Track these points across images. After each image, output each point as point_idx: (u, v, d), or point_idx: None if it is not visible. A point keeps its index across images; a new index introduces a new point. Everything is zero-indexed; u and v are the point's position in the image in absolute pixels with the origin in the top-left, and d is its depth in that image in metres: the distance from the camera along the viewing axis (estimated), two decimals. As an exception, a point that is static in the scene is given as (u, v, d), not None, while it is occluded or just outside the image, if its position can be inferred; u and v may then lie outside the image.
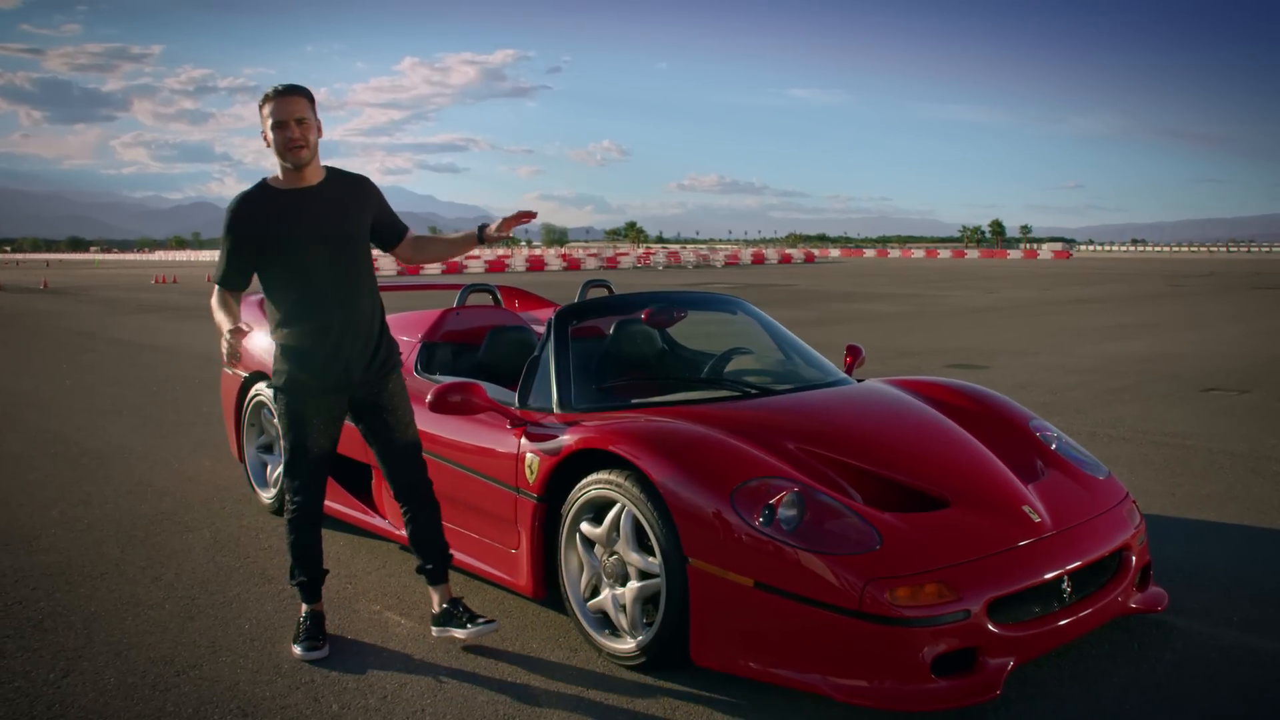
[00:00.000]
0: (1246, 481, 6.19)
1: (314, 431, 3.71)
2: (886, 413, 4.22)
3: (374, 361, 3.74)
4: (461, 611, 3.83)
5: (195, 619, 4.09)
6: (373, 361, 3.73)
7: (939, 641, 3.07)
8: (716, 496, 3.31)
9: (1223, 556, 4.75)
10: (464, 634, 3.78)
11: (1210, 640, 3.79)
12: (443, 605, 3.88)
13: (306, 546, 3.82)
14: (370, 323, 3.73)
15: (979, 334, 16.16)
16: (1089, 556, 3.53)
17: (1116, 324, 17.79)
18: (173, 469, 6.75)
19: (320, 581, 3.88)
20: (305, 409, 3.68)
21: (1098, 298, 26.34)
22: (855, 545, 3.19)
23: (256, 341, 5.87)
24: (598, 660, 3.68)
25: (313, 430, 3.70)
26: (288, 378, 3.67)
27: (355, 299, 3.68)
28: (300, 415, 3.69)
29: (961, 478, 3.69)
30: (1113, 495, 3.94)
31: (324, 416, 3.72)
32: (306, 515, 3.78)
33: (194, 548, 5.04)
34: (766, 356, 4.87)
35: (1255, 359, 12.44)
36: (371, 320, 3.74)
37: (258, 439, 5.87)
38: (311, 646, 3.72)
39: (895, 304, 24.27)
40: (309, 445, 3.71)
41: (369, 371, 3.72)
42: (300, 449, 3.71)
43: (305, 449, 3.71)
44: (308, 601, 3.86)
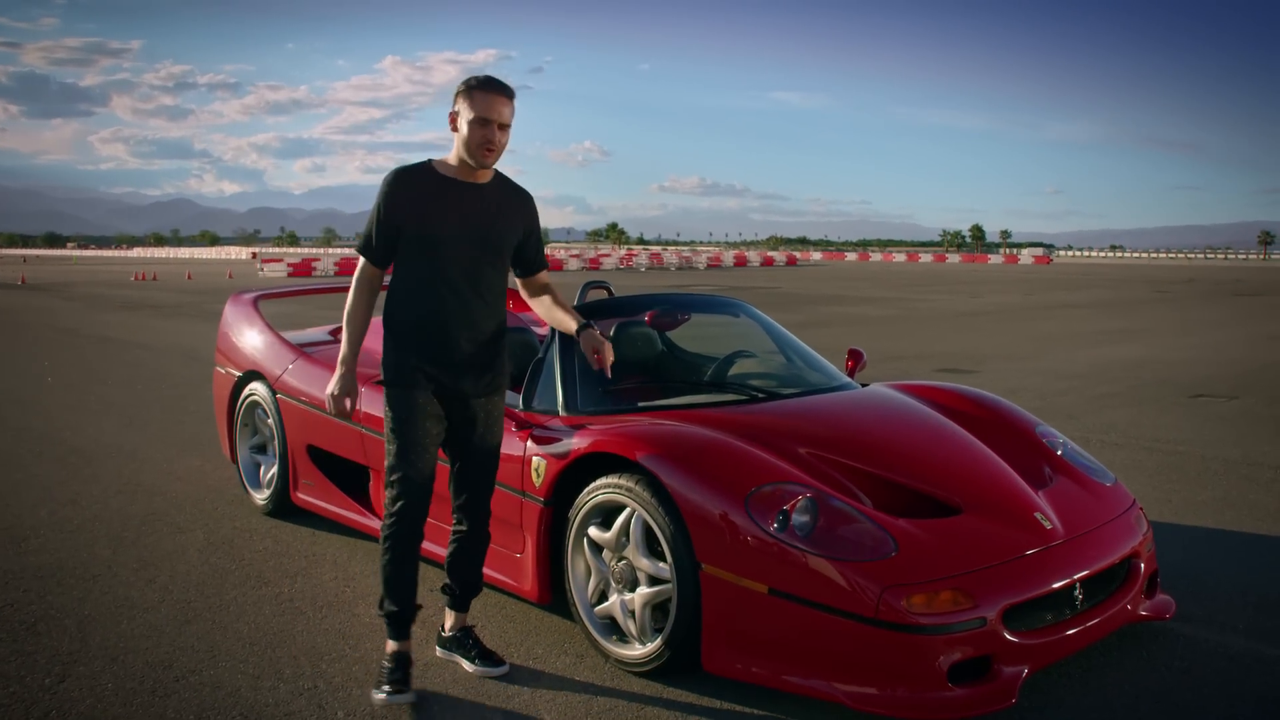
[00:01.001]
0: (1241, 488, 6.20)
1: (423, 431, 3.37)
2: (896, 418, 4.19)
3: (484, 376, 3.47)
4: (472, 644, 3.62)
5: (192, 623, 4.02)
6: (483, 375, 3.46)
7: (955, 649, 3.04)
8: (731, 502, 3.28)
9: (1223, 564, 4.75)
10: (470, 668, 3.58)
11: (1218, 648, 3.78)
12: (454, 631, 3.68)
13: (402, 569, 3.40)
14: (491, 336, 3.48)
15: (966, 338, 16.20)
16: (1100, 564, 3.52)
17: (1103, 329, 17.87)
18: (162, 468, 6.67)
19: (413, 617, 3.46)
20: (416, 404, 3.36)
21: (1082, 303, 26.48)
22: (871, 552, 3.16)
23: (249, 340, 5.81)
24: (605, 667, 3.63)
25: (422, 429, 3.37)
26: (399, 368, 3.38)
27: (483, 308, 3.43)
28: (410, 411, 3.35)
29: (973, 484, 3.66)
30: (1121, 502, 3.93)
31: (430, 420, 3.40)
32: (408, 531, 3.37)
33: (187, 549, 4.96)
34: (770, 360, 4.84)
35: (1243, 365, 12.51)
36: (493, 334, 3.49)
37: (250, 439, 5.79)
38: (397, 691, 3.32)
39: (881, 307, 24.33)
40: (417, 445, 3.36)
41: (478, 384, 3.45)
42: (407, 449, 3.35)
43: (413, 448, 3.35)
44: (395, 638, 3.43)
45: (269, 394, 5.46)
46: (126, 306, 23.95)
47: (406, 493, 3.35)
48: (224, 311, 6.22)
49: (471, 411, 3.48)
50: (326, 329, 6.22)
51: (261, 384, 5.56)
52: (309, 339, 5.85)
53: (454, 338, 3.38)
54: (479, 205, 3.40)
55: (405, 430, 3.35)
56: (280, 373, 5.41)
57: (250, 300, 6.10)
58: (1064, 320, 20.26)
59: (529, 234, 3.58)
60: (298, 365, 5.34)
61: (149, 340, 15.58)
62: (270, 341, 5.66)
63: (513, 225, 3.50)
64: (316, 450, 5.20)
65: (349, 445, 4.91)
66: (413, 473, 3.35)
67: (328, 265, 48.03)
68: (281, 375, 5.39)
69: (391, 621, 3.43)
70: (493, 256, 3.44)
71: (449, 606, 3.70)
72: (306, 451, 5.23)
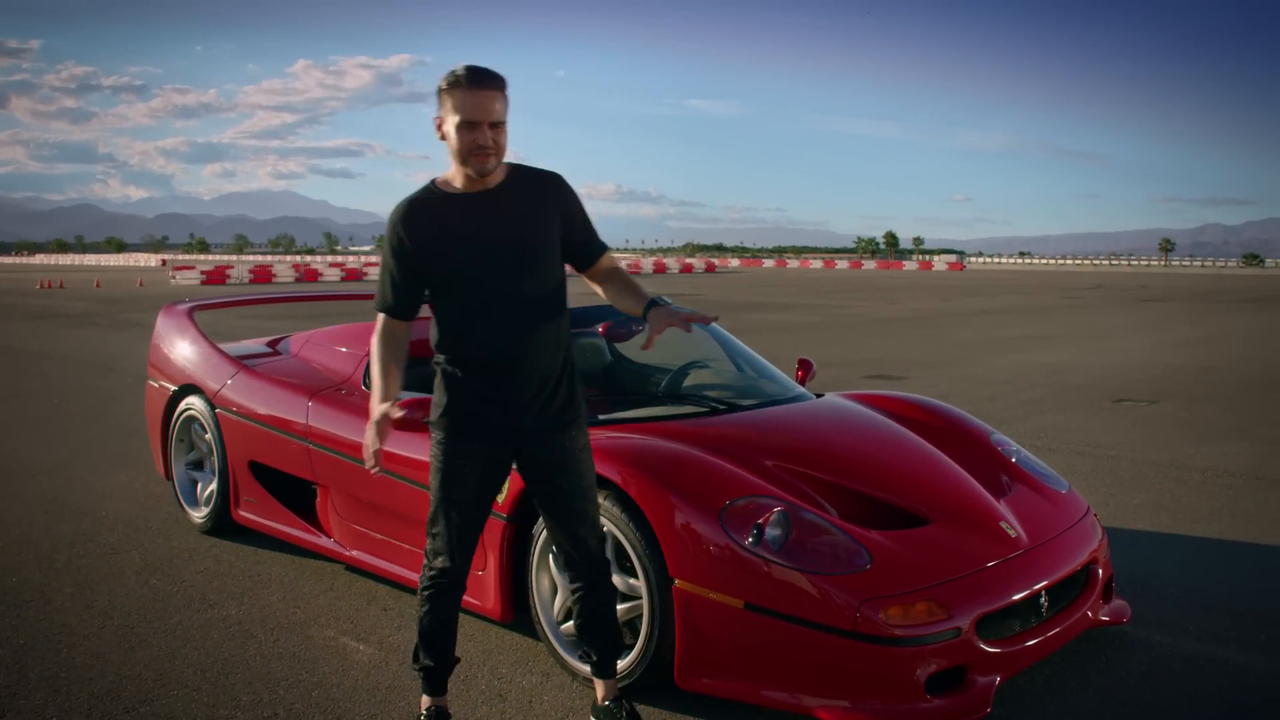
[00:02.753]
0: (1173, 491, 6.37)
1: (465, 485, 2.99)
2: (857, 429, 4.21)
3: (549, 408, 3.00)
4: (625, 715, 3.18)
5: (137, 650, 3.86)
6: (547, 407, 2.99)
7: (932, 660, 3.06)
8: (704, 516, 3.25)
9: (1166, 567, 4.86)
10: None
11: (1173, 651, 3.85)
12: (606, 701, 3.21)
13: (441, 624, 3.09)
14: (549, 359, 2.99)
15: (889, 344, 16.45)
16: (1063, 571, 3.57)
17: (1020, 335, 18.29)
18: (89, 486, 6.41)
19: (449, 670, 3.15)
20: (458, 456, 2.98)
21: (998, 309, 27.08)
22: (846, 565, 3.16)
23: (184, 352, 5.63)
24: (572, 685, 3.57)
25: (464, 483, 2.99)
26: (443, 415, 2.99)
27: (532, 327, 2.95)
28: (451, 463, 2.98)
29: (939, 494, 3.69)
30: (1077, 509, 3.99)
31: (481, 468, 3.00)
32: (449, 585, 3.07)
33: (124, 571, 4.77)
34: (724, 371, 4.83)
35: (1158, 370, 12.89)
36: (552, 356, 3.00)
37: (187, 455, 5.60)
38: None
39: (803, 314, 24.59)
40: (457, 500, 3.00)
41: (541, 419, 2.99)
42: (447, 503, 3.01)
43: (453, 504, 3.00)
44: (430, 693, 3.15)
45: (207, 409, 5.29)
46: (33, 316, 23.08)
47: (447, 546, 3.03)
48: (156, 323, 6.01)
49: (545, 451, 3.02)
50: (264, 341, 6.05)
51: (199, 398, 5.37)
52: (248, 351, 5.68)
53: (507, 370, 2.94)
54: (498, 212, 2.93)
55: (444, 484, 3.01)
56: (219, 387, 5.24)
57: (185, 311, 5.91)
58: (982, 326, 20.68)
59: (570, 221, 3.04)
60: (239, 379, 5.18)
61: (61, 351, 15.03)
62: (208, 354, 5.48)
63: (545, 221, 2.98)
64: (260, 466, 5.04)
65: (295, 461, 4.77)
66: (454, 528, 3.02)
67: (242, 273, 47.00)
68: (221, 390, 5.22)
69: (427, 676, 3.13)
70: (530, 265, 2.94)
71: (595, 675, 3.23)
72: (249, 467, 5.07)
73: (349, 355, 4.99)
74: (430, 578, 3.07)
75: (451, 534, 3.02)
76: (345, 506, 4.54)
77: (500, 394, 2.96)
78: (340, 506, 4.57)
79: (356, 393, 4.69)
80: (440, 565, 3.05)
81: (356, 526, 4.49)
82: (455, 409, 2.98)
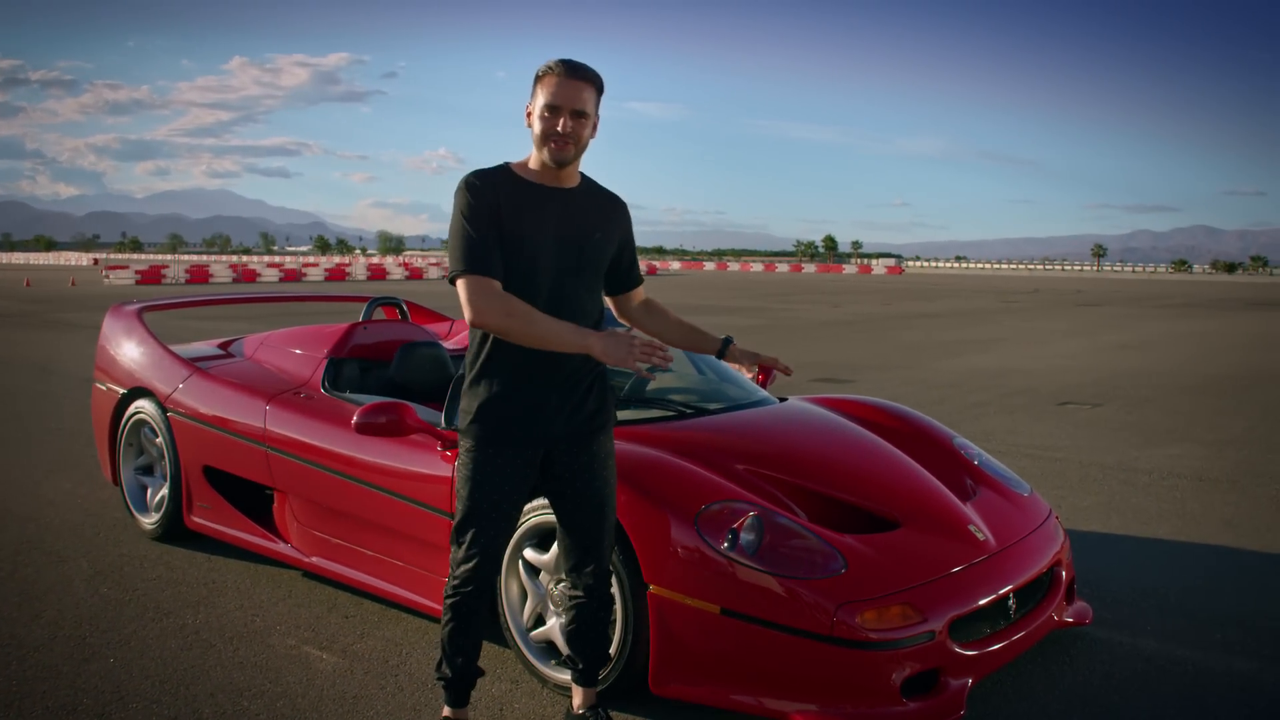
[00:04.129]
0: (1122, 493, 6.49)
1: (498, 492, 2.91)
2: (824, 433, 4.22)
3: (580, 412, 2.96)
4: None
5: (91, 661, 3.74)
6: (578, 411, 2.95)
7: (906, 664, 3.07)
8: (680, 522, 3.23)
9: (1119, 568, 4.94)
10: None
11: (1133, 651, 3.92)
12: (583, 710, 3.21)
13: (465, 636, 3.02)
14: (587, 365, 2.95)
15: (834, 348, 16.60)
16: (1030, 573, 3.61)
17: (961, 339, 18.56)
18: (29, 492, 6.22)
19: (472, 683, 3.10)
20: (490, 464, 2.90)
21: (938, 313, 27.46)
22: (822, 569, 3.16)
23: (134, 354, 5.49)
24: (543, 692, 3.54)
25: (497, 490, 2.91)
26: (479, 419, 2.89)
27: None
28: (482, 471, 2.90)
29: (907, 498, 3.71)
30: (1040, 512, 4.04)
31: (512, 476, 2.92)
32: (474, 596, 2.98)
33: (72, 580, 4.63)
34: (687, 375, 4.81)
35: (1099, 373, 13.15)
36: (590, 362, 2.94)
37: (135, 460, 5.46)
38: None
39: (747, 317, 24.72)
40: (489, 508, 2.92)
41: (572, 423, 2.95)
42: (477, 512, 2.92)
43: (484, 512, 2.92)
44: (452, 704, 3.09)
45: (159, 412, 5.15)
46: (-40, 316, 22.42)
47: (475, 556, 2.94)
48: (103, 324, 5.85)
49: (574, 457, 2.99)
50: (215, 343, 5.92)
51: (149, 401, 5.24)
52: (200, 353, 5.55)
53: (546, 375, 2.88)
54: (569, 214, 2.89)
55: (478, 490, 2.91)
56: (171, 390, 5.11)
57: (134, 312, 5.75)
58: (925, 330, 20.95)
59: (624, 245, 3.07)
60: (192, 381, 5.06)
61: (-8, 352, 14.61)
62: (159, 356, 5.34)
63: (610, 238, 2.99)
64: (213, 471, 4.93)
65: (253, 466, 4.67)
66: (483, 537, 2.94)
67: (178, 273, 46.10)
68: (173, 393, 5.09)
69: (450, 689, 3.07)
70: (589, 277, 2.95)
71: (576, 683, 3.23)
72: (203, 472, 4.95)
73: (306, 358, 4.90)
74: (455, 588, 2.98)
75: (480, 543, 2.94)
76: (305, 512, 4.45)
77: (537, 399, 2.90)
78: (300, 512, 4.49)
79: (315, 396, 4.61)
80: (467, 575, 2.96)
81: (317, 533, 4.40)
82: (489, 415, 2.89)
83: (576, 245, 2.90)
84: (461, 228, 2.80)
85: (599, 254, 2.97)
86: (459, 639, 3.02)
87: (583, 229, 2.92)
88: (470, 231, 2.78)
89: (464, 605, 2.99)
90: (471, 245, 2.77)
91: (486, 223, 2.79)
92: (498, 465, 2.91)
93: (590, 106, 2.83)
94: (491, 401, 2.89)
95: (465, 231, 2.79)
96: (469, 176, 2.85)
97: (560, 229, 2.87)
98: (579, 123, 2.81)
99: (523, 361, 2.86)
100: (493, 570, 2.99)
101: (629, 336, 2.70)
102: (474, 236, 2.78)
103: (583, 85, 2.80)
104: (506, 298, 2.76)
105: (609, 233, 3.00)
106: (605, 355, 2.69)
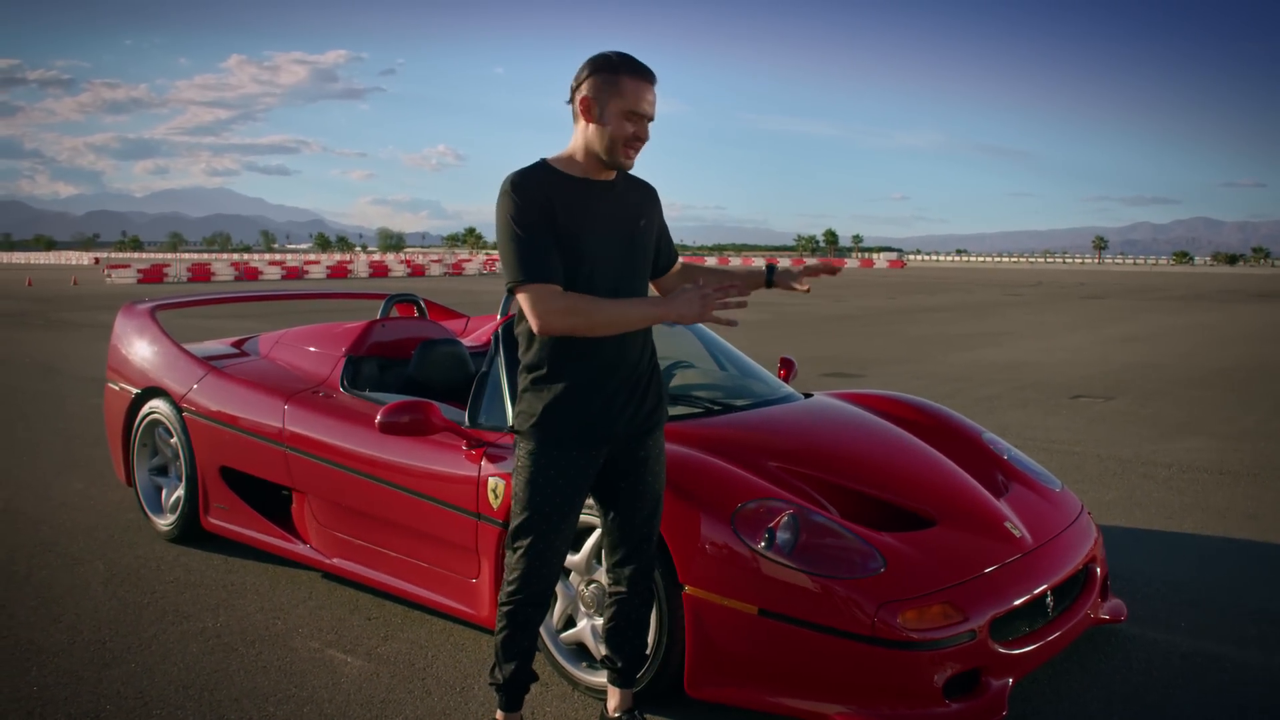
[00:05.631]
0: (1144, 487, 6.43)
1: (560, 495, 2.83)
2: (855, 428, 4.15)
3: (641, 410, 2.90)
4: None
5: (112, 666, 3.68)
6: (639, 409, 2.89)
7: (949, 664, 3.01)
8: (716, 521, 3.17)
9: (1148, 563, 4.88)
10: None
11: (1169, 648, 3.86)
12: (619, 713, 3.16)
13: (521, 640, 2.94)
14: (644, 360, 2.91)
15: (842, 342, 16.52)
16: (1067, 570, 3.55)
17: (967, 332, 18.49)
18: (40, 494, 6.15)
19: (526, 688, 3.02)
20: (552, 466, 2.81)
21: (943, 306, 27.40)
22: (861, 568, 3.10)
23: (147, 353, 5.43)
24: (574, 695, 3.48)
25: (559, 493, 2.82)
26: (540, 420, 2.80)
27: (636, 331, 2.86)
28: (546, 472, 2.81)
29: (942, 495, 3.65)
30: (1073, 507, 3.98)
31: (575, 476, 2.84)
32: (531, 601, 2.90)
33: (89, 583, 4.57)
34: (710, 371, 4.75)
35: (1107, 366, 13.09)
36: (646, 357, 2.92)
37: (150, 460, 5.40)
38: None
39: (751, 311, 24.58)
40: (550, 512, 2.83)
41: (633, 423, 2.88)
42: (537, 516, 2.83)
43: (544, 516, 2.83)
44: (506, 709, 3.02)
45: (173, 412, 5.09)
46: (-37, 316, 22.36)
47: (533, 561, 2.86)
48: (115, 323, 5.78)
49: (632, 454, 2.93)
50: (228, 342, 5.86)
51: (164, 401, 5.18)
52: (214, 352, 5.48)
53: (609, 373, 2.82)
54: (616, 207, 2.83)
55: (539, 494, 2.82)
56: (186, 390, 5.05)
57: (147, 311, 5.69)
58: (930, 324, 20.88)
59: (661, 229, 3.04)
60: (207, 381, 4.99)
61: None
62: (173, 355, 5.28)
63: (652, 224, 2.95)
64: (230, 471, 4.87)
65: (271, 466, 4.60)
66: (543, 541, 2.84)
67: (180, 271, 46.03)
68: (188, 392, 5.03)
69: (504, 693, 2.99)
70: (640, 265, 2.90)
71: (613, 684, 3.16)
72: (219, 473, 4.89)
73: (324, 356, 4.84)
74: (510, 594, 2.90)
75: (538, 549, 2.86)
76: (326, 513, 4.39)
77: (602, 398, 2.82)
78: (320, 513, 4.42)
79: (335, 395, 4.54)
80: (524, 582, 2.88)
81: (338, 534, 4.34)
82: (554, 417, 2.80)
83: (628, 236, 2.85)
84: (513, 233, 2.68)
85: (646, 242, 2.93)
86: (511, 646, 2.94)
87: (631, 220, 2.87)
88: (524, 236, 2.68)
89: (519, 614, 2.91)
90: (528, 251, 2.67)
91: (539, 224, 2.69)
92: (561, 468, 2.82)
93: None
94: (556, 403, 2.80)
95: (518, 237, 2.68)
96: (513, 177, 2.75)
97: (611, 223, 2.81)
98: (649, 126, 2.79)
99: (586, 362, 2.79)
100: (550, 577, 2.91)
101: (696, 290, 2.62)
102: (529, 241, 2.67)
103: (653, 89, 2.76)
104: (568, 297, 2.69)
105: (651, 220, 2.95)
106: (681, 316, 2.62)
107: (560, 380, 2.80)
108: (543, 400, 2.81)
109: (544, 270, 2.67)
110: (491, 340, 4.14)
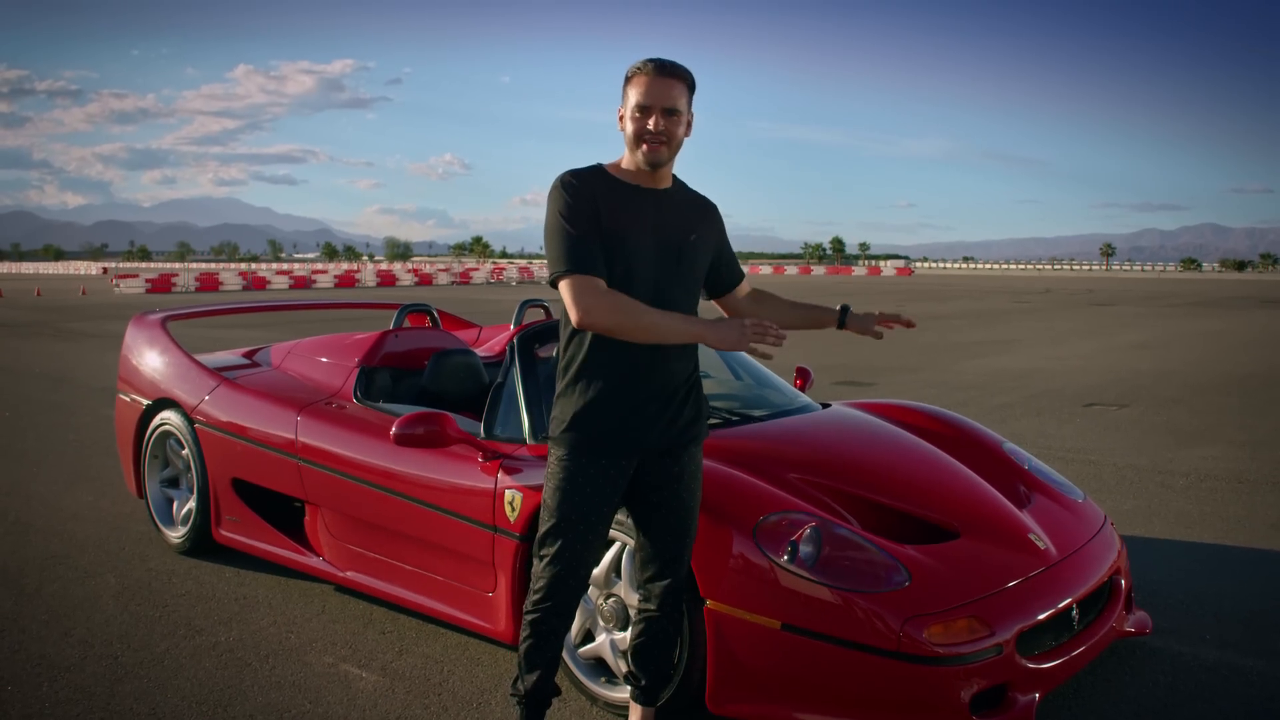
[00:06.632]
0: (1162, 496, 6.36)
1: (589, 503, 2.79)
2: (875, 439, 4.10)
3: (677, 422, 2.85)
4: None
5: (124, 681, 3.64)
6: (676, 420, 2.85)
7: (975, 679, 2.95)
8: (738, 534, 3.12)
9: (1169, 574, 4.82)
10: None
11: (1194, 661, 3.80)
12: None
13: (545, 650, 2.88)
14: (682, 373, 2.86)
15: (853, 350, 16.46)
16: (1092, 582, 3.49)
17: (978, 340, 18.41)
18: (50, 506, 6.12)
19: (548, 702, 2.95)
20: (582, 474, 2.78)
21: (953, 314, 27.29)
22: (885, 582, 3.05)
23: (158, 364, 5.40)
24: (592, 710, 3.43)
25: (588, 501, 2.78)
26: (567, 430, 2.79)
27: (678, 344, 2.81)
28: (575, 479, 2.78)
29: (964, 506, 3.60)
30: (1095, 518, 3.93)
31: (605, 485, 2.80)
32: (555, 615, 2.85)
33: (100, 596, 4.53)
34: (727, 381, 4.70)
35: (1120, 373, 13.00)
36: (685, 370, 2.88)
37: (161, 472, 5.37)
38: None
39: (762, 320, 24.54)
40: (579, 520, 2.79)
41: (669, 433, 2.84)
42: (565, 524, 2.79)
43: (572, 524, 2.79)
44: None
45: (185, 423, 5.06)
46: (-28, 327, 22.39)
47: (561, 570, 2.82)
48: (126, 334, 5.76)
49: (665, 468, 2.88)
50: (239, 352, 5.82)
51: (175, 413, 5.14)
52: (225, 363, 5.45)
53: (644, 382, 2.78)
54: (667, 216, 2.82)
55: (567, 501, 2.79)
56: (198, 401, 5.02)
57: (158, 322, 5.66)
58: (940, 331, 20.79)
59: (722, 246, 3.03)
60: (219, 392, 4.96)
61: (5, 362, 14.55)
62: (185, 366, 5.25)
63: (706, 242, 2.92)
64: (242, 483, 4.83)
65: (283, 478, 4.56)
66: (569, 551, 2.80)
67: (188, 281, 46.14)
68: (200, 404, 5.00)
69: (526, 707, 2.94)
70: (687, 279, 2.86)
71: (635, 701, 3.11)
72: (231, 485, 4.85)
73: (337, 367, 4.80)
74: (535, 603, 2.86)
75: (566, 557, 2.82)
76: (339, 525, 4.35)
77: (634, 407, 2.79)
78: (333, 525, 4.38)
79: (348, 406, 4.51)
80: (550, 591, 2.84)
81: (352, 546, 4.30)
82: (585, 423, 2.78)
83: (675, 247, 2.83)
84: (560, 227, 2.70)
85: (695, 256, 2.90)
86: (534, 656, 2.89)
87: (680, 230, 2.85)
88: (571, 230, 2.69)
89: (544, 624, 2.86)
90: (573, 244, 2.68)
91: (586, 221, 2.70)
92: (590, 475, 2.78)
93: (682, 104, 2.75)
94: (587, 409, 2.77)
95: (565, 230, 2.70)
96: (564, 175, 2.78)
97: (657, 230, 2.80)
98: (671, 121, 2.73)
99: (619, 368, 2.77)
100: (577, 586, 2.86)
101: (739, 320, 2.63)
102: (575, 235, 2.69)
103: (673, 82, 2.73)
104: (612, 294, 2.67)
105: (705, 236, 2.92)
106: (720, 342, 2.62)
107: (590, 384, 2.78)
108: (574, 405, 2.79)
109: (588, 263, 2.68)
110: (506, 351, 4.10)
